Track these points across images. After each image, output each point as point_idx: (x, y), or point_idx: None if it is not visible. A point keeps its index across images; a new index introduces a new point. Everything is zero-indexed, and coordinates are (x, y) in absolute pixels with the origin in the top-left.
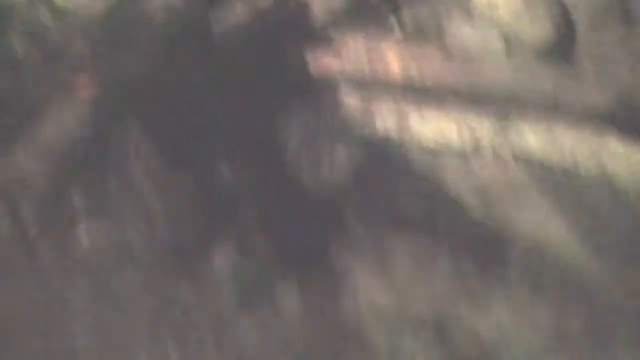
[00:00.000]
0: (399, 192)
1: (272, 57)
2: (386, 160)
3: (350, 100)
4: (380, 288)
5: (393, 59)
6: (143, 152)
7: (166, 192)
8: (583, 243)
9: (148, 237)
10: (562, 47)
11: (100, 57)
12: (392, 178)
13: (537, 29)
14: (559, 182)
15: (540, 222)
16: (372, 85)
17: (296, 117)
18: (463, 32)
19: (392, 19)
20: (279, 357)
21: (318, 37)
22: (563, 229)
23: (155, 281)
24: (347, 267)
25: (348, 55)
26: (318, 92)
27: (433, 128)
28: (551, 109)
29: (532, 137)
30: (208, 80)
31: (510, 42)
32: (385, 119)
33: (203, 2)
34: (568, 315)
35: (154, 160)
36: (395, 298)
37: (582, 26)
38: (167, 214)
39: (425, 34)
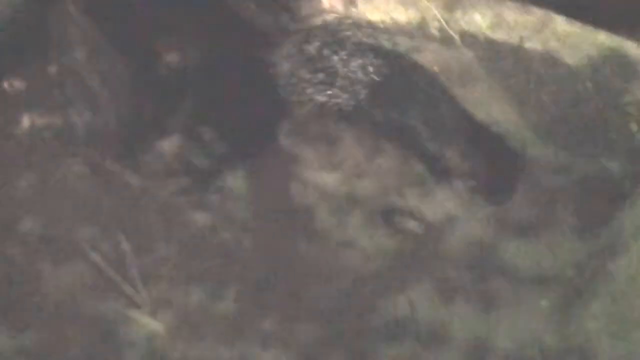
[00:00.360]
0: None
1: None
2: (333, 40)
3: None
4: (328, 174)
5: None
6: (85, 36)
7: (110, 78)
8: (528, 121)
9: (92, 124)
10: None
11: None
12: (339, 60)
13: None
14: (505, 60)
15: (486, 100)
16: None
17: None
18: None
19: None
20: (230, 242)
21: None
22: (509, 108)
23: (101, 168)
24: (296, 154)
25: None
26: None
27: (381, 8)
28: None
29: (478, 17)
30: None
31: None
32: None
33: None
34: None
35: (96, 44)
36: (344, 182)
37: None
38: (111, 100)
39: None
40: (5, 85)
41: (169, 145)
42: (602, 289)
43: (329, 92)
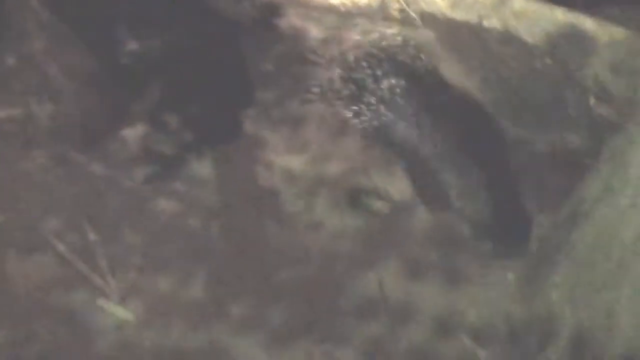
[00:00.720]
0: (307, 61)
1: None
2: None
3: None
4: (294, 157)
5: None
6: (44, 26)
7: (71, 68)
8: (488, 99)
9: (54, 115)
10: None
11: None
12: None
13: None
14: (464, 39)
15: (455, 82)
16: None
17: None
18: None
19: None
20: (198, 228)
21: None
22: (470, 85)
23: (64, 158)
24: (261, 138)
25: None
26: None
27: None
28: None
29: None
30: None
31: None
32: None
33: None
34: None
35: (56, 34)
36: (310, 165)
37: None
38: (72, 90)
39: None
40: None
41: (133, 133)
42: (565, 258)
43: (354, 107)
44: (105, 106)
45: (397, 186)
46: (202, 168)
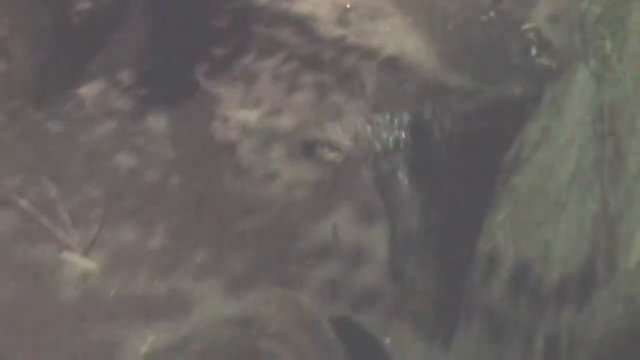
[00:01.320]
0: (257, 20)
1: None
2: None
3: None
4: (249, 111)
5: None
6: None
7: (22, 27)
8: (436, 51)
9: (7, 74)
10: None
11: None
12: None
13: None
14: None
15: (397, 33)
16: None
17: None
18: None
19: None
20: (156, 182)
21: None
22: (418, 39)
23: (20, 117)
24: (216, 94)
25: None
26: None
27: None
28: None
29: None
30: None
31: None
32: None
33: None
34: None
35: None
36: (264, 119)
37: None
38: (25, 49)
39: None
40: None
41: (89, 91)
42: (508, 200)
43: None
44: (59, 64)
45: (348, 138)
46: (159, 123)
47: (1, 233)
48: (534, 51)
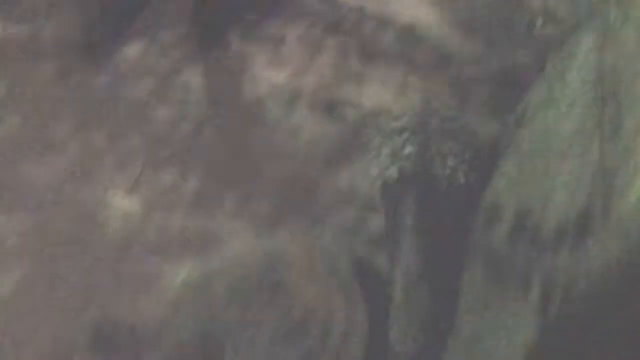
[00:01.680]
0: None
1: None
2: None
3: None
4: (276, 70)
5: None
6: None
7: None
8: (449, 21)
9: (58, 32)
10: None
11: None
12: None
13: None
14: None
15: (412, 5)
16: None
17: None
18: None
19: None
20: (190, 133)
21: None
22: (433, 9)
23: (69, 72)
24: (247, 53)
25: None
26: None
27: None
28: None
29: None
30: None
31: None
32: None
33: None
34: (436, 85)
35: None
36: (290, 78)
37: None
38: (74, 10)
39: None
40: None
41: (132, 49)
42: (512, 154)
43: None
44: (106, 22)
45: (367, 97)
46: (194, 80)
47: (53, 176)
48: (539, 21)
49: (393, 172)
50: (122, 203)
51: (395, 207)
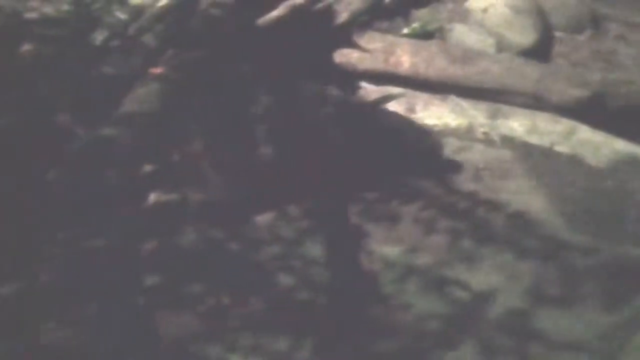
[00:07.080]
0: (407, 168)
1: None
2: (395, 138)
3: (367, 87)
4: (391, 247)
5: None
6: (206, 130)
7: (220, 164)
8: (558, 211)
9: (202, 200)
10: (542, 48)
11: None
12: (400, 154)
13: (521, 32)
14: (538, 160)
15: (523, 192)
16: (386, 74)
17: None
18: (461, 33)
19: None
20: (308, 300)
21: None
22: (542, 199)
23: (208, 236)
24: (365, 230)
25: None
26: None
27: (435, 115)
28: (532, 100)
29: (516, 123)
30: (251, 66)
31: (499, 43)
32: (395, 104)
33: None
34: (546, 273)
35: (212, 139)
36: (404, 255)
37: (559, 29)
38: (219, 182)
39: (430, 33)
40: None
41: (263, 218)
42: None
43: None
44: (244, 195)
45: (477, 278)
46: (315, 250)
47: (181, 331)
48: None
49: None
50: None
51: None
